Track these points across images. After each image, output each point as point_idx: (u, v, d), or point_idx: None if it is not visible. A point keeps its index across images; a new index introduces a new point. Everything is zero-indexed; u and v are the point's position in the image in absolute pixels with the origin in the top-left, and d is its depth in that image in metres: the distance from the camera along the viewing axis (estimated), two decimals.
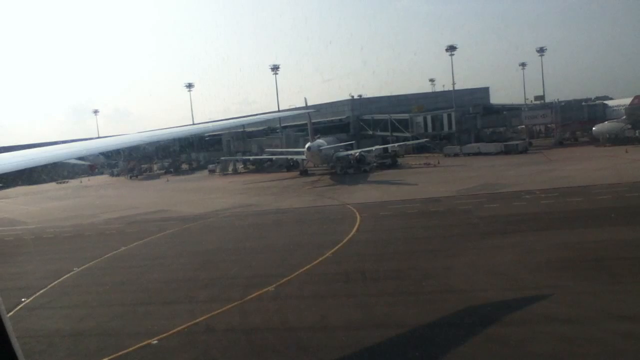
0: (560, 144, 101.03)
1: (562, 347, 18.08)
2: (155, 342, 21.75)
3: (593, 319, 20.21)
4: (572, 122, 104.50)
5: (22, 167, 17.72)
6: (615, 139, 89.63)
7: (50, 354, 21.68)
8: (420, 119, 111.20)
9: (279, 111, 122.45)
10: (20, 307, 28.29)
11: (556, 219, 38.67)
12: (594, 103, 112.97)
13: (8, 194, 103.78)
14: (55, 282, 33.21)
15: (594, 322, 19.86)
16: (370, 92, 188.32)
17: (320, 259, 32.53)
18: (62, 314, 27.74)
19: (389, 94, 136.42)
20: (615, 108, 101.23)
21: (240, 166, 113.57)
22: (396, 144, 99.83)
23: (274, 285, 27.85)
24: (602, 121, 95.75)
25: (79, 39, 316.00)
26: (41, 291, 31.37)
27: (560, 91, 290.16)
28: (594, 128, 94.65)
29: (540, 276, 25.81)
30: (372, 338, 20.48)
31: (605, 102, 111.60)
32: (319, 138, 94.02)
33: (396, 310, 23.47)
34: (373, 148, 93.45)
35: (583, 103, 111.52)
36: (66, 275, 34.69)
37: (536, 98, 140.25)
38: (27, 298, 29.87)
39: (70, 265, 36.78)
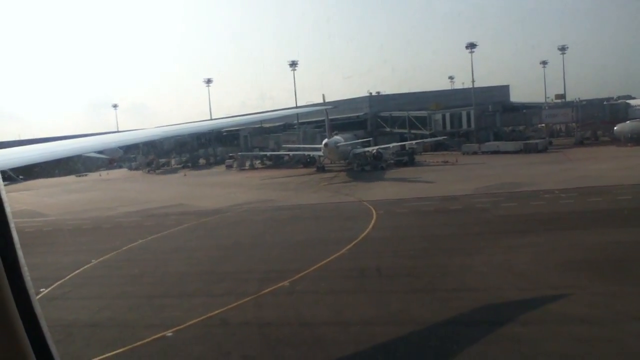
0: (581, 143, 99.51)
1: (578, 347, 17.88)
2: (171, 334, 21.95)
3: (611, 319, 19.97)
4: (594, 122, 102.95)
5: (44, 160, 17.99)
6: (638, 139, 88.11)
7: (68, 344, 21.93)
8: (438, 116, 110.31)
9: (296, 107, 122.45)
10: (39, 297, 28.68)
11: (575, 219, 38.22)
12: (616, 102, 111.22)
13: (29, 186, 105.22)
14: (74, 273, 33.63)
15: (612, 323, 19.61)
16: (389, 89, 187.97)
17: (336, 255, 32.51)
18: (80, 305, 28.15)
19: (408, 91, 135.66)
20: (637, 107, 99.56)
21: (257, 162, 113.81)
22: (414, 142, 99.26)
23: (289, 280, 27.91)
24: (624, 121, 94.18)
25: (98, 34, 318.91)
26: (60, 282, 31.82)
27: (581, 90, 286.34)
28: (615, 127, 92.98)
29: (558, 276, 25.56)
30: (387, 334, 20.46)
31: (628, 101, 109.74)
32: (336, 134, 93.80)
33: (411, 307, 23.41)
34: (390, 145, 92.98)
35: (605, 102, 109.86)
36: (85, 267, 35.11)
37: (557, 97, 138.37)
38: (46, 288, 30.32)
39: (89, 257, 37.21)
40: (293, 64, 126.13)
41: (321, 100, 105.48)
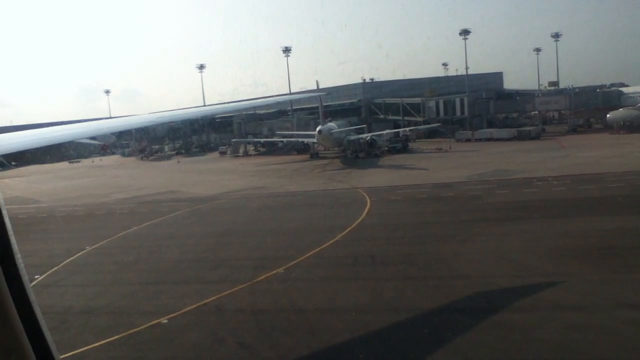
0: (574, 130, 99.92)
1: (570, 335, 18.07)
2: (165, 321, 22.02)
3: (603, 307, 20.16)
4: (586, 109, 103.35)
5: (36, 146, 17.86)
6: (630, 127, 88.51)
7: (62, 331, 21.96)
8: (432, 103, 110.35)
9: (290, 94, 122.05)
10: (33, 284, 28.59)
11: (568, 206, 38.46)
12: (608, 90, 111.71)
13: (21, 173, 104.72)
14: (68, 260, 33.60)
15: (604, 310, 19.82)
16: (384, 75, 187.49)
17: (330, 242, 32.61)
18: (74, 292, 28.17)
19: (402, 77, 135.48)
20: (630, 95, 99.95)
21: (251, 148, 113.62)
22: (407, 129, 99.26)
23: (284, 268, 28.00)
24: (617, 108, 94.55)
25: (90, 20, 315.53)
26: (54, 269, 31.78)
27: (574, 77, 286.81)
28: (608, 115, 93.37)
29: (550, 263, 25.76)
30: (380, 321, 20.61)
31: (621, 89, 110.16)
32: (330, 121, 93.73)
33: (404, 294, 23.53)
34: (384, 132, 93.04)
35: (598, 89, 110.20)
36: (79, 254, 35.08)
37: (550, 84, 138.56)
38: (40, 275, 30.29)
39: (83, 244, 37.18)
40: (286, 50, 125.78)
41: (315, 87, 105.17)
